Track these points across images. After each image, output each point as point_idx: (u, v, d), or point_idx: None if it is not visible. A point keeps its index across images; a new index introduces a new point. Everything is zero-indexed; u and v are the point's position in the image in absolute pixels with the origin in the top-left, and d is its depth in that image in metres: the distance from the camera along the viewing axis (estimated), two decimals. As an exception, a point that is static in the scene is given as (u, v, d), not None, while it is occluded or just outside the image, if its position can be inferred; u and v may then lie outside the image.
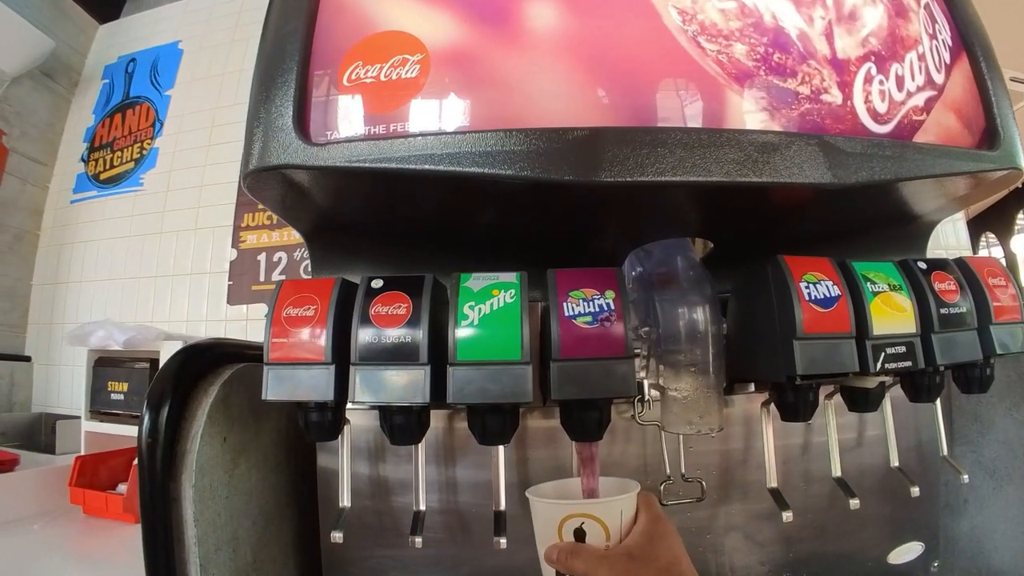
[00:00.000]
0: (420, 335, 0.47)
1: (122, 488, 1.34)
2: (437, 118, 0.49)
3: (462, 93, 0.50)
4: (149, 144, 1.87)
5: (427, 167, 0.46)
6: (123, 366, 1.45)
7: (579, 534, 0.49)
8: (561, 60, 0.51)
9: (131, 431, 1.38)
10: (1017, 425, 0.76)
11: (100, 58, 2.11)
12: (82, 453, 1.42)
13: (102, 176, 1.93)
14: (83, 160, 1.98)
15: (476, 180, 0.47)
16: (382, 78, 0.50)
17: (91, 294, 1.84)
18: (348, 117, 0.50)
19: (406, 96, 0.50)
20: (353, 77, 0.51)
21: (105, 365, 1.47)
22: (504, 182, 0.46)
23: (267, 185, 0.53)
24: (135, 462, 1.18)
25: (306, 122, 0.50)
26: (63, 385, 1.83)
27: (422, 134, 0.48)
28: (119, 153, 1.91)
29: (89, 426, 1.48)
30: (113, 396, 1.45)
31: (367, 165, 0.47)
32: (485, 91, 0.50)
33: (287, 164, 0.49)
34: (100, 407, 1.47)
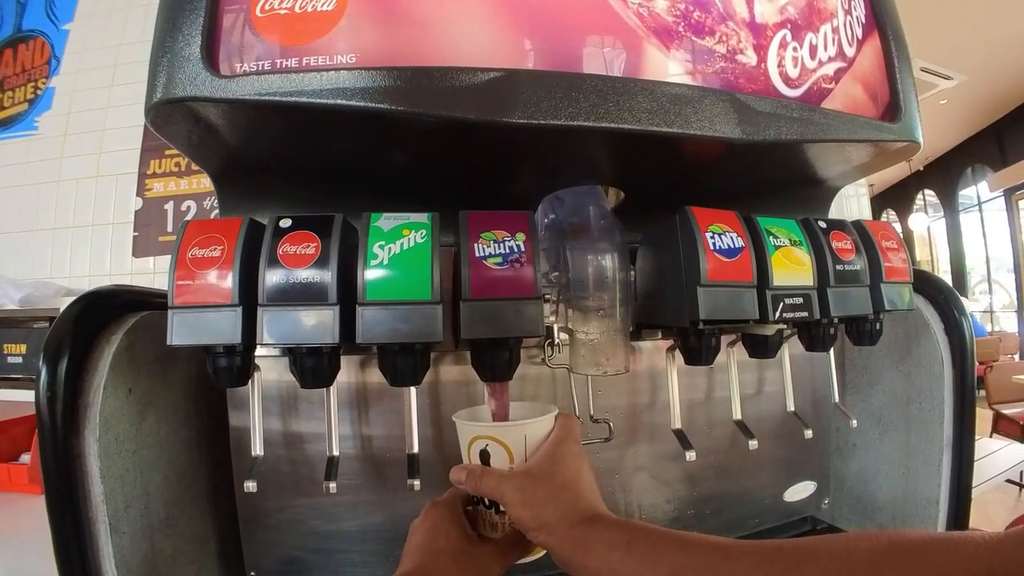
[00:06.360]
0: (329, 275, 0.47)
1: (25, 458, 1.28)
2: (352, 53, 0.47)
3: (379, 29, 0.48)
4: (44, 83, 1.70)
5: (338, 102, 0.45)
6: (20, 326, 1.35)
7: (484, 455, 0.51)
8: (482, 2, 0.50)
9: (32, 396, 1.29)
10: (902, 377, 0.84)
11: (-14, -15, 1.89)
12: (-22, 422, 1.33)
13: (-9, 119, 1.75)
14: (-32, 101, 1.79)
15: (390, 117, 0.46)
16: (297, 10, 0.48)
17: (-18, 249, 1.68)
18: (259, 49, 0.48)
19: (321, 29, 0.48)
20: (267, 8, 0.48)
21: (0, 326, 1.37)
22: (417, 120, 0.46)
23: (172, 120, 0.50)
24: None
25: (215, 53, 0.48)
26: (-47, 349, 1.68)
27: (335, 68, 0.46)
28: (10, 93, 1.73)
29: (-16, 392, 1.38)
30: (10, 359, 1.35)
31: (276, 99, 0.46)
32: (403, 28, 0.49)
33: (193, 96, 0.46)
34: (-4, 371, 1.37)
